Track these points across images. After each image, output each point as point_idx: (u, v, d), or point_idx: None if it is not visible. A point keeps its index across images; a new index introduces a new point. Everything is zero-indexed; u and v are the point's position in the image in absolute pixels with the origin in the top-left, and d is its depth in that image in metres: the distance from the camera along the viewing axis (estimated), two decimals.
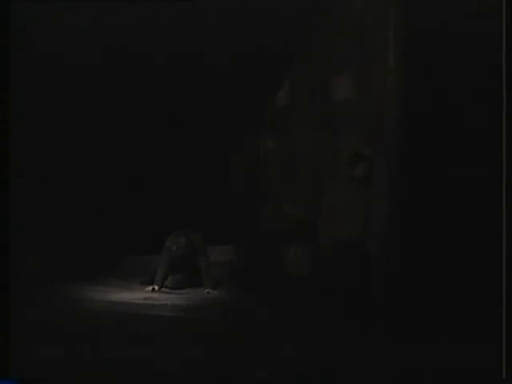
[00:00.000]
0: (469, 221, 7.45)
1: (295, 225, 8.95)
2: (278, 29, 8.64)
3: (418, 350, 6.25)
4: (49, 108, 9.25)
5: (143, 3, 8.15)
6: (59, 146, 9.60)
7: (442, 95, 7.69)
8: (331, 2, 8.47)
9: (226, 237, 9.79)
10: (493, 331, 5.82)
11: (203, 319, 7.61)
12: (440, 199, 7.68)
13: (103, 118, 9.80)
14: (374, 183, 7.79)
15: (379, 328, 6.94)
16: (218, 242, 9.72)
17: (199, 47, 9.25)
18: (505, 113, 5.80)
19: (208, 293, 8.96)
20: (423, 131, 7.75)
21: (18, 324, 6.23)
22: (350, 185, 7.71)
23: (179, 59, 9.27)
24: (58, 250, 9.29)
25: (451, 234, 7.55)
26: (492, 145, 6.72)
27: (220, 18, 8.64)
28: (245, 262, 9.53)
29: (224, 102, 9.63)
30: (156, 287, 9.07)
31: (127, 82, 9.52)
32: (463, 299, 7.07)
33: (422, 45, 7.66)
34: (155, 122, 10.06)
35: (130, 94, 9.72)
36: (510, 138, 5.82)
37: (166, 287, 9.18)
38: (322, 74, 8.76)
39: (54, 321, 7.18)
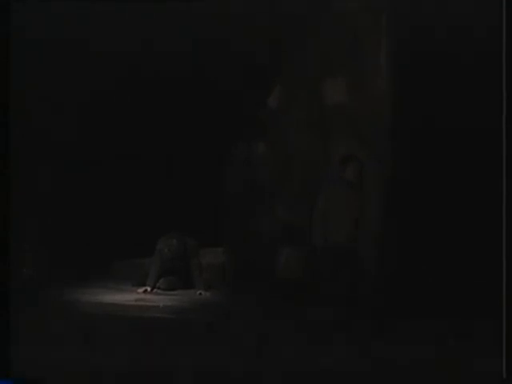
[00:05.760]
0: (464, 223, 7.51)
1: (288, 227, 8.97)
2: (272, 31, 8.67)
3: (417, 350, 6.28)
4: (48, 108, 9.24)
5: (140, 4, 8.16)
6: (54, 151, 9.61)
7: (436, 98, 7.74)
8: (324, 4, 8.50)
9: (219, 239, 9.78)
10: (493, 331, 5.85)
11: (195, 321, 7.59)
12: (434, 201, 7.73)
13: (100, 120, 9.79)
14: (366, 186, 7.81)
15: (376, 329, 6.96)
16: (210, 244, 9.72)
17: (192, 49, 9.27)
18: (505, 114, 5.84)
19: (200, 294, 8.96)
20: (416, 135, 7.80)
21: (18, 324, 6.21)
22: (343, 188, 7.71)
23: (174, 61, 9.28)
24: (52, 253, 9.27)
25: (446, 235, 7.61)
26: (488, 148, 6.78)
27: (213, 21, 8.66)
28: (237, 264, 9.52)
29: (218, 105, 9.63)
30: (148, 289, 9.06)
31: (124, 82, 9.52)
32: (463, 299, 7.12)
33: (416, 48, 7.71)
34: (147, 125, 10.04)
35: (125, 96, 9.71)
36: (510, 139, 5.86)
37: (159, 289, 9.17)
38: (315, 77, 8.79)
39: (51, 322, 7.18)
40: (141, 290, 9.06)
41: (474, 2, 7.15)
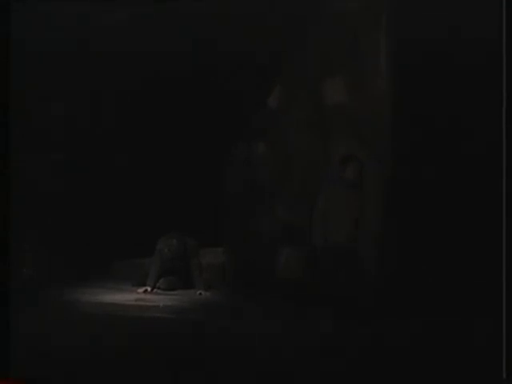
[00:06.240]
0: (464, 223, 7.51)
1: (288, 227, 8.96)
2: (271, 31, 8.67)
3: (417, 350, 6.28)
4: (48, 108, 9.25)
5: (141, 4, 8.17)
6: (54, 151, 9.61)
7: (436, 98, 7.74)
8: (323, 4, 8.50)
9: (219, 239, 9.78)
10: (493, 331, 5.85)
11: (195, 320, 7.59)
12: (434, 201, 7.74)
13: (100, 120, 9.80)
14: (366, 186, 7.82)
15: (375, 328, 6.96)
16: (210, 244, 9.72)
17: (190, 49, 9.28)
18: (505, 114, 5.85)
19: (200, 294, 8.96)
20: (416, 135, 7.80)
21: (18, 324, 6.22)
22: (343, 188, 7.72)
23: (174, 61, 9.29)
24: (52, 253, 9.28)
25: (446, 235, 7.61)
26: (488, 148, 6.78)
27: (213, 21, 8.67)
28: (237, 264, 9.52)
29: (217, 106, 9.64)
30: (149, 289, 9.06)
31: (124, 82, 9.53)
32: (463, 299, 7.12)
33: (416, 48, 7.71)
34: (148, 125, 10.05)
35: (125, 97, 9.72)
36: (510, 139, 5.86)
37: (159, 289, 9.18)
38: (315, 77, 8.79)
39: (51, 322, 7.19)
40: (141, 289, 9.07)
41: (474, 1, 7.15)
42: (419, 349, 6.29)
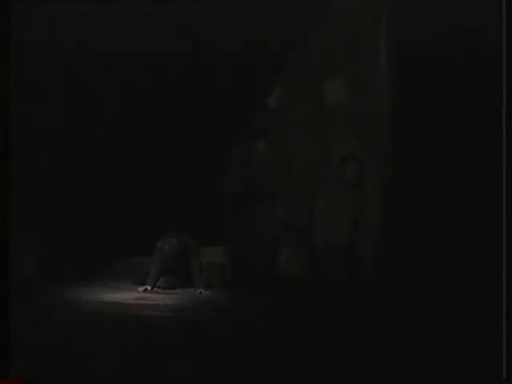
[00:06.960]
0: (464, 222, 7.51)
1: (288, 227, 8.97)
2: (271, 31, 8.67)
3: (417, 350, 6.28)
4: (48, 108, 9.24)
5: (140, 3, 8.17)
6: (54, 151, 9.61)
7: (436, 98, 7.75)
8: (323, 4, 8.51)
9: (219, 239, 9.78)
10: (493, 331, 5.86)
11: (195, 320, 7.60)
12: (434, 201, 7.74)
13: (100, 120, 9.78)
14: (366, 186, 7.83)
15: (375, 329, 6.96)
16: (210, 243, 9.72)
17: (190, 49, 9.27)
18: (505, 114, 5.85)
19: (200, 293, 8.97)
20: (416, 135, 7.81)
21: (18, 324, 6.22)
22: (343, 188, 7.72)
23: (174, 61, 9.28)
24: (52, 253, 9.28)
25: (446, 235, 7.61)
26: (488, 148, 6.78)
27: (213, 21, 8.66)
28: (237, 263, 9.53)
29: (217, 105, 9.62)
30: (149, 288, 9.07)
31: (123, 82, 9.51)
32: (463, 299, 7.12)
33: (416, 48, 7.72)
34: (147, 125, 10.03)
35: (125, 96, 9.70)
36: (510, 139, 5.87)
37: (159, 288, 9.18)
38: (315, 77, 8.80)
39: (52, 322, 7.19)
40: (141, 288, 9.07)
41: (474, 2, 7.15)
42: (419, 349, 6.29)
